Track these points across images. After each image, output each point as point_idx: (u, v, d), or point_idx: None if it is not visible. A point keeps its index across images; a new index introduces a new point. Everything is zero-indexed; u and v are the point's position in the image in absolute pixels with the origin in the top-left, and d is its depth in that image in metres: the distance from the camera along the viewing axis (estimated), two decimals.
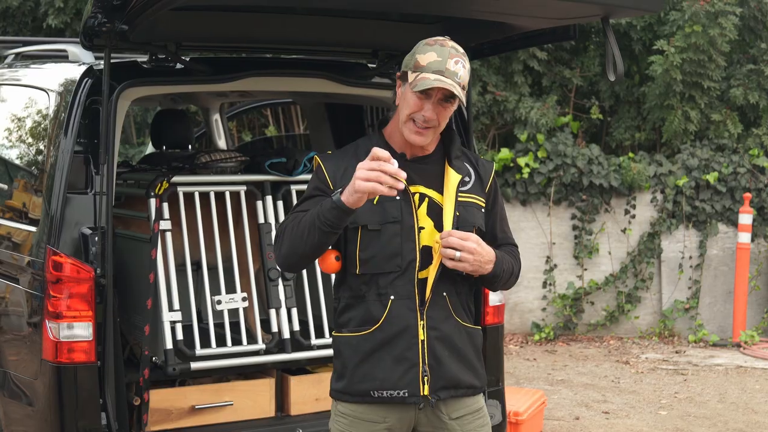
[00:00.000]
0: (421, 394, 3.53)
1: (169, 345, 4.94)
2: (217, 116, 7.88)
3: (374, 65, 5.43)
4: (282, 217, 5.33)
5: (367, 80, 5.39)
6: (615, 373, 9.35)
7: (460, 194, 3.58)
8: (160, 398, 4.98)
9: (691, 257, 10.96)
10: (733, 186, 10.97)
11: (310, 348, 5.28)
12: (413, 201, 3.54)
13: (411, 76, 3.46)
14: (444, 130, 3.63)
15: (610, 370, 9.45)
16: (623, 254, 10.99)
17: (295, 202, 5.37)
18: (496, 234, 3.72)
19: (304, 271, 5.37)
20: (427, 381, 3.52)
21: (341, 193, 3.34)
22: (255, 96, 7.48)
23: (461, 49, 3.51)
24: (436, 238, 3.50)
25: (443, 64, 3.42)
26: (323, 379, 5.35)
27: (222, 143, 7.89)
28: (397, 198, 3.49)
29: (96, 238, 4.60)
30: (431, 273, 3.51)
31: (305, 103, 7.03)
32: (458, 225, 3.53)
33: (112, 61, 4.54)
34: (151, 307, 4.92)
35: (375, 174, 3.23)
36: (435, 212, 3.55)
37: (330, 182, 3.56)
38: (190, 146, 6.82)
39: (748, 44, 11.50)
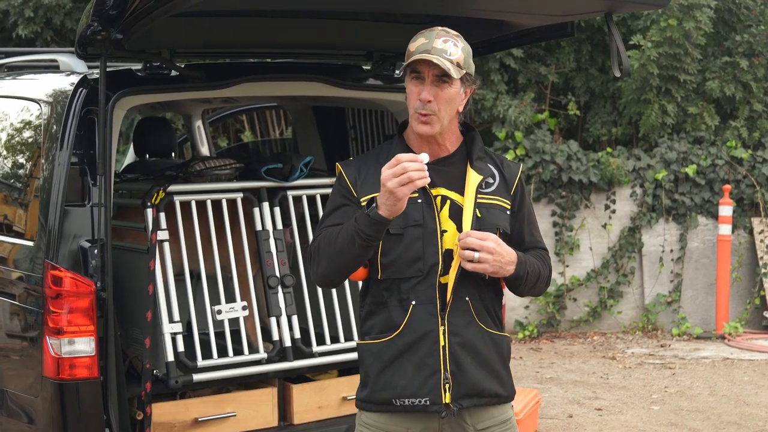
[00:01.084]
0: (443, 402, 3.45)
1: (171, 357, 4.87)
2: (199, 123, 7.79)
3: (369, 67, 5.38)
4: (279, 224, 5.26)
5: (362, 82, 5.33)
6: (603, 369, 9.35)
7: (481, 196, 3.50)
8: (162, 412, 4.90)
9: (672, 250, 10.98)
10: (712, 178, 11.00)
11: (312, 355, 5.22)
12: (435, 204, 3.47)
13: (404, 66, 3.47)
14: (465, 131, 3.58)
15: (597, 367, 9.44)
16: (604, 249, 10.99)
17: (292, 208, 5.32)
18: (524, 237, 3.63)
19: (303, 278, 5.32)
20: (449, 388, 3.44)
21: (377, 206, 3.29)
22: (240, 102, 7.40)
23: (454, 32, 3.47)
24: (456, 241, 3.43)
25: (430, 44, 3.40)
26: (325, 387, 5.33)
27: (205, 150, 7.81)
28: (419, 201, 3.43)
29: (95, 251, 4.52)
30: (451, 275, 3.43)
31: (293, 108, 6.96)
32: (480, 227, 3.45)
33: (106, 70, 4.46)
34: (151, 320, 4.84)
35: (400, 169, 3.21)
36: (457, 215, 3.47)
37: (352, 189, 3.51)
38: (173, 154, 6.75)
39: (723, 37, 11.53)
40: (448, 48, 3.40)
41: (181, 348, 4.90)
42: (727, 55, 11.29)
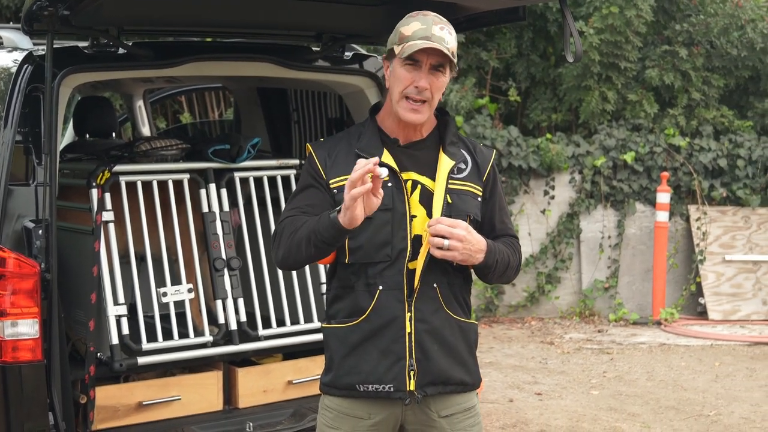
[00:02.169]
0: (407, 389, 3.42)
1: (115, 340, 4.79)
2: (140, 102, 7.70)
3: (318, 48, 5.32)
4: (226, 206, 5.20)
5: (312, 64, 5.28)
6: (542, 354, 9.40)
7: (453, 181, 3.46)
8: (106, 395, 4.82)
9: (609, 237, 11.07)
10: (650, 165, 11.10)
11: (258, 339, 5.17)
12: (405, 188, 3.42)
13: (397, 49, 3.37)
14: (439, 115, 3.55)
15: (536, 351, 9.49)
16: (543, 235, 11.05)
17: (239, 189, 5.26)
18: (494, 224, 3.58)
19: (250, 261, 5.27)
20: (414, 376, 3.41)
21: (339, 211, 3.27)
22: (184, 82, 7.31)
23: (444, 19, 3.42)
24: (425, 226, 3.39)
25: (429, 30, 3.35)
26: (270, 371, 5.29)
27: (146, 130, 7.72)
28: (389, 185, 3.39)
29: (40, 232, 4.42)
30: (419, 262, 3.39)
31: (237, 89, 6.88)
32: (450, 213, 3.41)
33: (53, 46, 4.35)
34: (95, 302, 4.76)
35: (357, 176, 3.17)
36: (428, 200, 3.43)
37: (321, 170, 3.48)
38: (114, 134, 6.65)
39: (662, 26, 11.62)
40: (445, 36, 3.36)
41: (125, 331, 4.82)
42: (666, 44, 11.38)
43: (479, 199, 3.53)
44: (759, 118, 11.51)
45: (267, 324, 5.23)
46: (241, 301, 5.15)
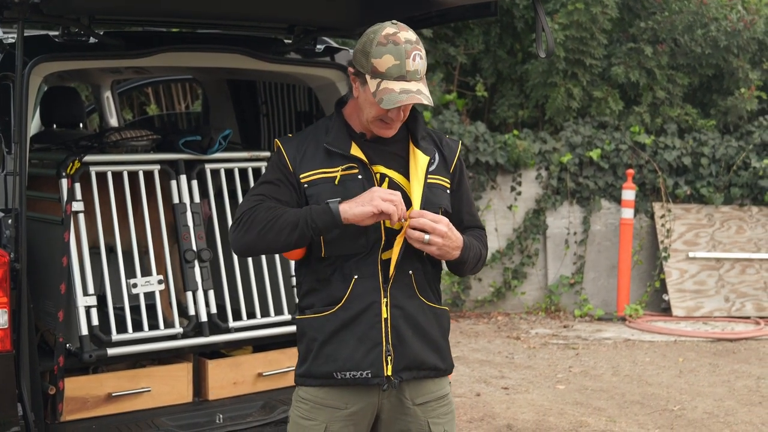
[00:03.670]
0: (385, 374, 3.44)
1: (85, 331, 4.76)
2: (108, 93, 7.66)
3: (290, 41, 5.31)
4: (197, 197, 5.18)
5: (283, 56, 5.27)
6: (508, 348, 9.43)
7: (428, 177, 3.50)
8: (75, 386, 4.79)
9: (575, 233, 11.12)
10: (616, 162, 11.16)
11: (228, 331, 5.15)
12: (375, 180, 3.45)
13: (371, 83, 3.34)
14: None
15: (503, 346, 9.52)
16: (509, 231, 11.09)
17: (210, 181, 5.24)
18: (462, 216, 3.63)
19: (221, 253, 5.25)
20: (391, 361, 3.43)
21: (340, 203, 3.32)
22: (153, 72, 7.27)
23: (413, 35, 3.38)
24: (407, 216, 3.40)
25: (402, 67, 3.31)
26: (240, 363, 5.27)
27: (114, 121, 7.67)
28: (359, 177, 3.42)
29: (9, 221, 4.38)
30: (395, 251, 3.42)
31: (207, 80, 6.85)
32: (424, 207, 3.44)
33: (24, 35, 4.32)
34: (64, 292, 4.73)
35: (396, 198, 3.30)
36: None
37: (290, 165, 3.48)
38: (81, 124, 6.61)
39: (628, 23, 11.69)
40: (418, 67, 3.34)
41: (95, 322, 4.79)
42: (632, 42, 11.45)
43: (448, 191, 3.57)
44: (722, 116, 11.60)
45: (237, 316, 5.22)
46: (211, 293, 5.12)
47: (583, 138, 11.14)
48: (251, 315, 5.25)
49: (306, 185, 3.44)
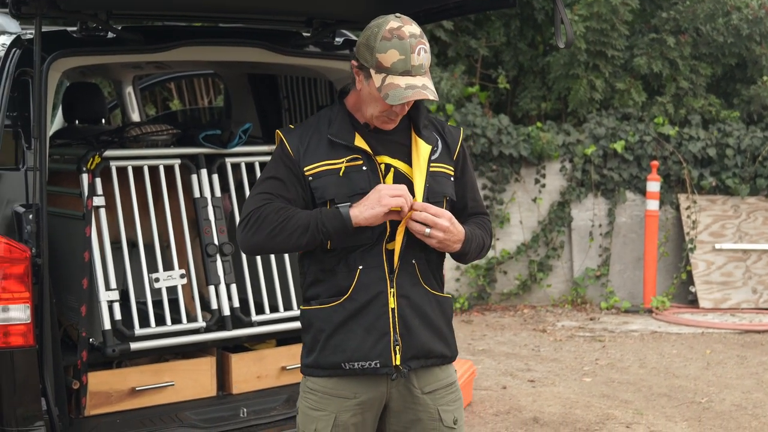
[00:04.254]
0: (393, 364, 3.43)
1: (107, 325, 4.76)
2: (130, 89, 7.66)
3: (309, 34, 5.29)
4: (218, 191, 5.17)
5: (302, 49, 5.25)
6: (534, 341, 9.40)
7: (431, 165, 3.49)
8: (98, 381, 4.80)
9: (600, 225, 11.06)
10: (640, 154, 11.10)
11: (251, 325, 5.15)
12: (380, 171, 3.44)
13: (376, 78, 3.32)
14: None
15: (528, 339, 9.49)
16: (534, 223, 11.05)
17: (230, 175, 5.23)
18: (466, 202, 3.63)
19: None
20: (399, 350, 3.42)
21: (350, 207, 3.32)
22: (174, 67, 7.27)
23: (417, 28, 3.36)
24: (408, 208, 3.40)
25: (408, 62, 3.29)
26: (264, 356, 5.26)
27: (136, 117, 7.68)
28: (364, 169, 3.41)
29: (30, 216, 4.39)
30: (397, 242, 3.41)
31: (228, 75, 6.85)
32: (428, 196, 3.43)
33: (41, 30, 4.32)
34: (87, 287, 4.73)
35: (402, 191, 3.30)
36: (401, 183, 3.43)
37: (294, 157, 3.45)
38: (103, 120, 6.61)
39: (649, 14, 11.62)
40: (423, 61, 3.32)
41: (118, 316, 4.80)
42: (654, 32, 11.37)
43: (452, 179, 3.56)
44: (745, 105, 11.52)
45: (260, 310, 5.21)
46: (233, 287, 5.12)
47: (606, 130, 11.08)
48: (274, 309, 5.24)
49: (310, 178, 3.42)
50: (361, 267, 3.41)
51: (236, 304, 5.12)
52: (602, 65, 11.14)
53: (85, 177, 4.81)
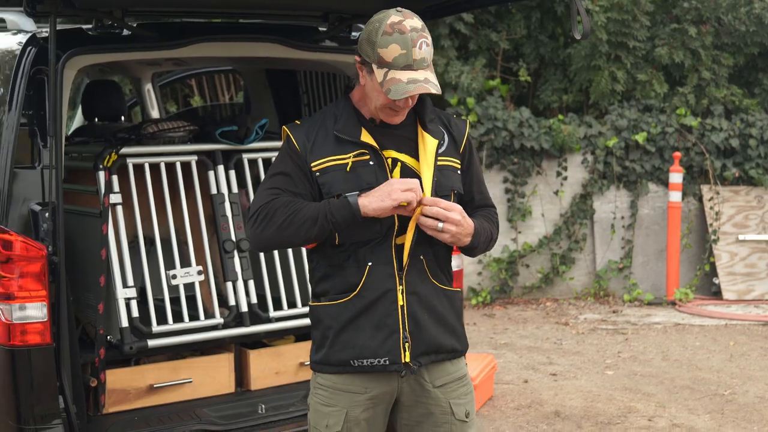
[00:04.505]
0: (403, 361, 3.43)
1: (125, 323, 4.77)
2: (149, 86, 7.67)
3: (325, 29, 5.27)
4: (235, 187, 5.17)
5: (318, 44, 5.23)
6: (556, 334, 9.36)
7: (438, 159, 3.48)
8: (116, 378, 4.81)
9: (623, 217, 11.01)
10: (662, 145, 11.03)
11: (269, 321, 5.14)
12: (387, 165, 3.43)
13: (378, 73, 3.31)
14: None
15: (551, 332, 9.45)
16: (556, 216, 11.00)
17: (248, 171, 5.22)
18: (473, 195, 3.63)
19: None
20: (408, 347, 3.42)
21: (359, 196, 3.31)
22: (191, 64, 7.27)
23: (419, 22, 3.35)
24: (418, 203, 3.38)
25: (409, 56, 3.28)
26: (282, 352, 5.26)
27: (155, 114, 7.69)
28: (371, 163, 3.40)
29: (46, 215, 4.40)
30: (408, 238, 3.40)
31: (246, 70, 6.84)
32: (436, 190, 3.43)
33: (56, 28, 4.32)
34: (104, 285, 4.74)
35: (414, 186, 3.30)
36: (409, 177, 3.43)
37: (302, 153, 3.44)
38: (123, 117, 6.62)
39: (670, 4, 11.54)
40: (425, 54, 3.31)
41: (135, 313, 4.80)
42: (675, 22, 11.29)
43: (459, 172, 3.56)
44: (767, 94, 11.42)
45: (278, 306, 5.20)
46: (251, 283, 5.12)
47: (628, 121, 11.02)
48: (292, 304, 5.24)
49: (318, 173, 3.41)
50: (370, 263, 3.41)
51: (254, 300, 5.11)
52: (624, 56, 11.07)
53: (101, 174, 4.82)
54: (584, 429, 6.65)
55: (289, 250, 5.25)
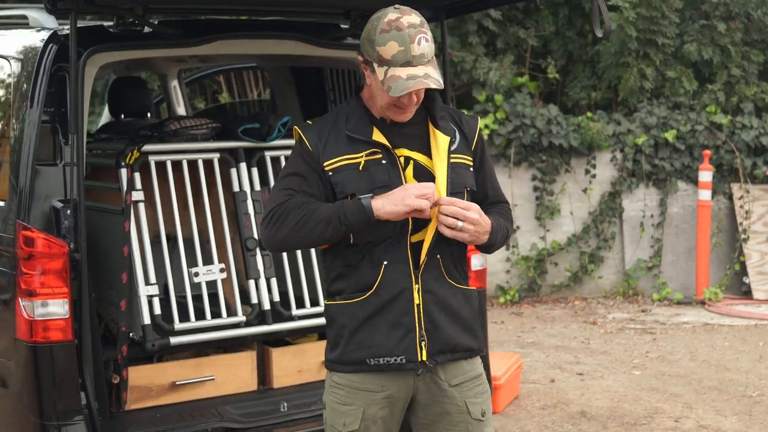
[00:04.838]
0: (419, 359, 3.43)
1: (147, 320, 4.78)
2: (175, 83, 7.67)
3: (347, 26, 5.26)
4: (257, 185, 5.16)
5: (340, 41, 5.22)
6: (584, 333, 9.30)
7: (450, 156, 3.47)
8: (139, 375, 4.82)
9: (652, 216, 10.93)
10: (692, 143, 10.94)
11: (291, 318, 5.14)
12: (399, 164, 3.42)
13: (379, 72, 3.31)
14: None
15: (578, 331, 9.39)
16: (585, 214, 10.93)
17: (270, 168, 5.22)
18: (487, 192, 3.62)
19: None
20: (425, 346, 3.42)
21: (372, 198, 3.32)
22: (216, 61, 7.28)
23: (417, 18, 3.34)
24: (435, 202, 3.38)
25: (408, 52, 3.28)
26: (305, 351, 5.25)
27: (181, 110, 7.70)
28: (384, 162, 3.40)
29: (68, 212, 4.40)
30: (427, 237, 3.40)
31: (270, 67, 6.84)
32: (451, 188, 3.42)
33: (77, 26, 4.32)
34: (126, 282, 4.75)
35: (429, 192, 3.29)
36: (422, 175, 3.43)
37: (314, 153, 3.44)
38: (149, 114, 6.63)
39: (699, 0, 11.44)
40: (424, 50, 3.31)
41: (157, 311, 4.81)
42: (704, 19, 11.20)
43: (471, 169, 3.55)
44: None
45: (300, 304, 5.19)
46: (274, 281, 5.12)
47: (657, 119, 10.93)
48: (314, 302, 5.22)
49: (330, 173, 3.42)
50: (385, 262, 3.41)
51: (276, 297, 5.11)
52: (653, 53, 10.99)
53: (123, 172, 4.83)
54: (610, 429, 6.60)
55: (312, 249, 5.23)
